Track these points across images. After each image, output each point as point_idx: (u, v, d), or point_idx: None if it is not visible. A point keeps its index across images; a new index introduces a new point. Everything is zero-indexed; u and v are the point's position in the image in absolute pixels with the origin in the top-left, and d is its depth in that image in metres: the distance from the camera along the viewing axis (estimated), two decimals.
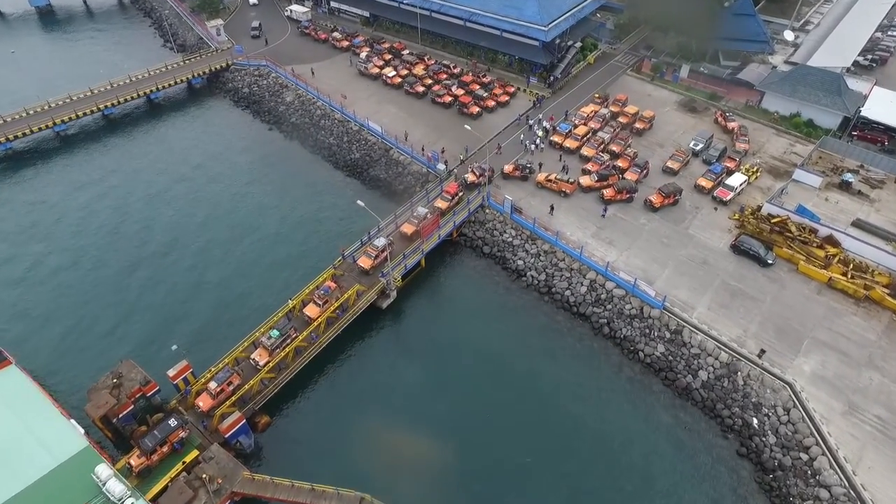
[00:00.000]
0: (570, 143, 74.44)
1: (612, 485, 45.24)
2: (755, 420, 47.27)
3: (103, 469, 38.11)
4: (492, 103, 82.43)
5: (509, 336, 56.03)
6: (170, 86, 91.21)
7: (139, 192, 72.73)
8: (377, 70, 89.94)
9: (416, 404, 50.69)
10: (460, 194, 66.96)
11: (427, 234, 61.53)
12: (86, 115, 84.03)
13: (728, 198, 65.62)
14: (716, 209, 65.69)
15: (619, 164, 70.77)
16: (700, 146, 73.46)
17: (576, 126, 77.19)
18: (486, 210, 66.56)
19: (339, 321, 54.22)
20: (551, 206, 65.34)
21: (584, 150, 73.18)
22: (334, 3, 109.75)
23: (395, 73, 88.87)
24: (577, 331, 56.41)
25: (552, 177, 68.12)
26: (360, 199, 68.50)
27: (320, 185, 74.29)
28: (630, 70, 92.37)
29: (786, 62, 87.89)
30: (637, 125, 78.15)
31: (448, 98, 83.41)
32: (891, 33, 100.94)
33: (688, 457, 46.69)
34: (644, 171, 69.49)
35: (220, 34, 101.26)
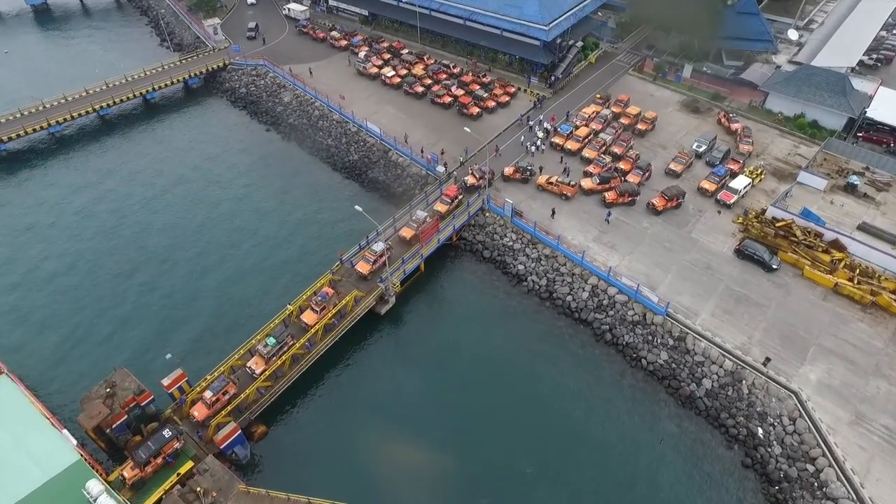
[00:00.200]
0: (571, 145, 73.40)
1: (614, 495, 44.40)
2: (760, 430, 46.40)
3: (94, 485, 37.25)
4: (492, 104, 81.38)
5: (510, 342, 55.14)
6: (166, 86, 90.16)
7: (136, 195, 71.70)
8: (376, 70, 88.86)
9: (415, 413, 49.83)
10: (460, 197, 65.99)
11: (426, 238, 60.59)
12: (81, 115, 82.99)
13: (732, 201, 64.64)
14: (719, 212, 64.71)
15: (621, 166, 69.77)
16: (703, 148, 72.43)
17: (577, 127, 76.16)
18: (487, 213, 65.60)
19: (337, 328, 53.29)
20: (552, 210, 64.36)
21: (586, 152, 72.13)
22: (333, 2, 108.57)
23: (393, 72, 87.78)
24: (579, 337, 55.51)
25: (553, 179, 67.14)
26: (359, 202, 67.68)
27: (318, 188, 73.29)
28: (632, 70, 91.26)
29: (790, 62, 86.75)
30: (639, 126, 77.09)
31: (448, 98, 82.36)
32: None
33: (692, 467, 45.84)
34: (646, 174, 68.48)
35: (217, 33, 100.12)
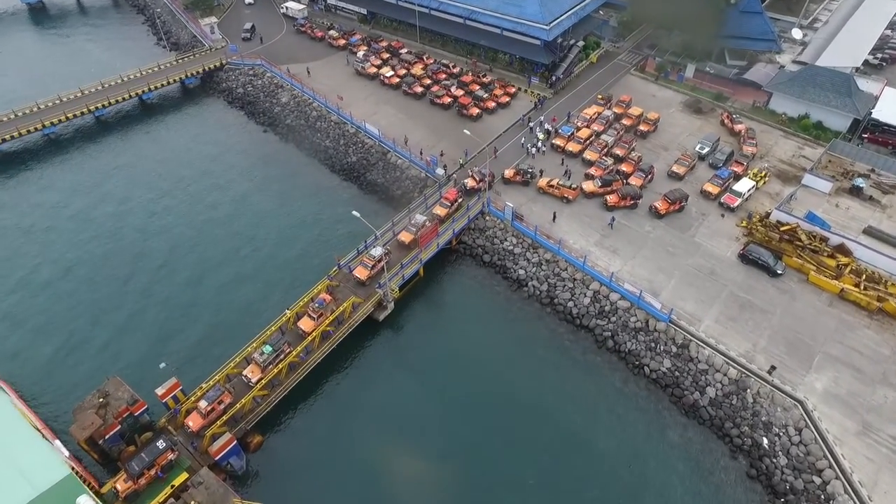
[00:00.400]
0: (572, 147, 72.36)
1: None
2: (765, 440, 45.55)
3: (85, 501, 36.39)
4: (492, 104, 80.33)
5: (510, 349, 54.27)
6: (162, 86, 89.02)
7: (132, 199, 70.61)
8: (374, 70, 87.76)
9: (414, 422, 48.97)
10: (460, 200, 65.02)
11: (425, 242, 59.64)
12: (76, 116, 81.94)
13: (735, 204, 63.64)
14: (723, 216, 63.75)
15: (623, 168, 68.75)
16: (706, 149, 71.42)
17: (578, 128, 75.14)
18: (487, 217, 64.64)
19: (335, 335, 52.41)
20: (554, 214, 63.39)
21: (587, 154, 71.12)
22: (331, 0, 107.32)
23: (392, 72, 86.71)
24: (581, 344, 54.62)
25: (554, 182, 66.14)
26: (357, 205, 66.95)
27: (316, 190, 72.26)
28: (634, 69, 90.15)
29: (794, 62, 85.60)
30: (641, 127, 76.04)
31: (447, 99, 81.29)
32: None
33: (695, 478, 44.95)
34: (649, 176, 67.46)
35: (214, 32, 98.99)
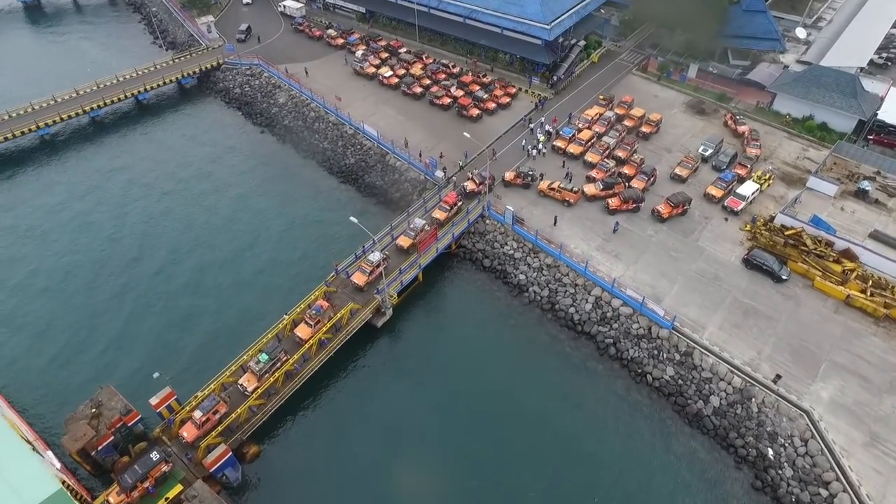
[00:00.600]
0: (573, 149, 71.35)
1: None
2: (771, 451, 44.71)
3: None
4: (492, 105, 79.28)
5: (511, 356, 53.40)
6: (159, 86, 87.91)
7: (128, 203, 69.46)
8: (373, 70, 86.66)
9: (414, 430, 48.13)
10: (459, 204, 64.05)
11: (424, 247, 58.71)
12: (71, 117, 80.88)
13: (739, 208, 62.68)
14: (726, 220, 62.80)
15: (625, 171, 67.76)
16: (709, 151, 70.43)
17: (580, 130, 74.11)
18: (487, 221, 63.69)
19: (332, 342, 51.52)
20: (555, 218, 62.45)
21: (589, 156, 70.10)
22: None
23: (391, 72, 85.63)
24: (582, 351, 53.74)
25: (555, 185, 65.19)
26: (355, 208, 66.29)
27: (314, 193, 71.24)
28: (636, 69, 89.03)
29: (798, 61, 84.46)
30: (643, 129, 75.04)
31: (447, 100, 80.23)
32: None
33: (699, 489, 44.15)
34: (651, 179, 66.46)
35: (211, 31, 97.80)
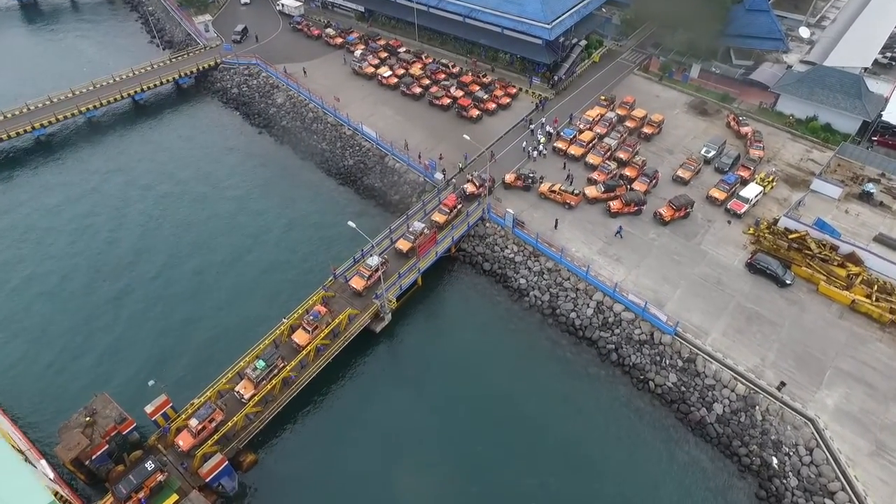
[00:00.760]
0: (574, 150, 70.53)
1: None
2: (775, 460, 44.05)
3: None
4: (492, 106, 78.44)
5: (511, 362, 52.69)
6: (156, 86, 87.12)
7: (125, 206, 68.66)
8: (372, 69, 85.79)
9: (413, 437, 47.48)
10: (459, 207, 63.27)
11: (424, 251, 57.96)
12: (67, 118, 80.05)
13: (742, 210, 61.92)
14: (729, 222, 62.02)
15: (627, 173, 66.96)
16: (712, 153, 69.62)
17: (581, 131, 73.28)
18: (487, 224, 62.94)
19: (330, 348, 50.80)
20: (556, 221, 61.69)
21: (590, 158, 69.26)
22: None
23: (390, 72, 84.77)
24: (583, 356, 53.05)
25: (556, 187, 64.39)
26: (354, 210, 65.64)
27: (312, 195, 70.45)
28: (637, 69, 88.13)
29: (801, 61, 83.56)
30: (645, 130, 74.20)
31: (446, 100, 79.37)
32: None
33: (702, 499, 43.49)
34: (653, 181, 65.66)
35: (209, 31, 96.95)
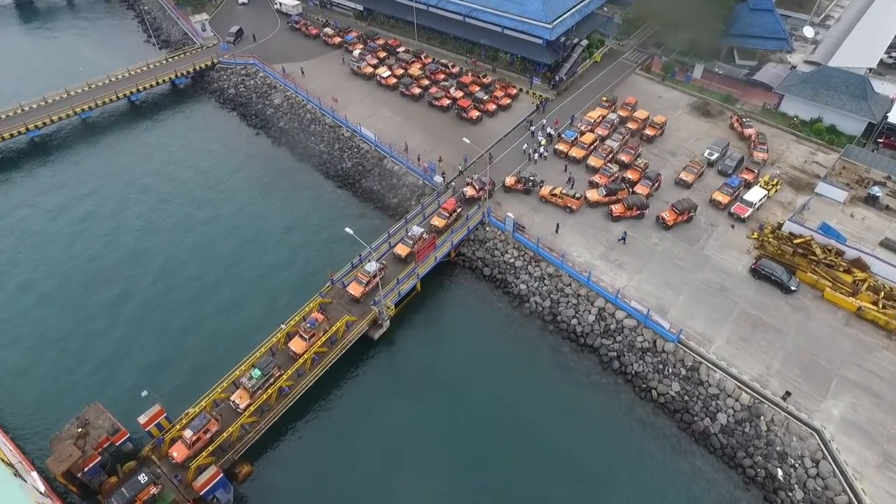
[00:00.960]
0: (576, 152, 69.54)
1: None
2: (780, 472, 43.22)
3: None
4: (492, 107, 77.40)
5: (511, 370, 51.83)
6: (152, 86, 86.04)
7: (121, 212, 67.52)
8: (371, 69, 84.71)
9: (411, 447, 46.66)
10: (458, 210, 62.33)
11: (423, 257, 57.05)
12: (61, 119, 79.01)
13: (746, 214, 60.97)
14: (733, 227, 61.10)
15: (629, 176, 65.99)
16: (715, 155, 68.65)
17: (582, 133, 72.26)
18: (487, 227, 62.01)
19: (328, 356, 49.93)
20: (557, 225, 60.76)
21: (591, 161, 68.25)
22: None
23: (389, 73, 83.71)
24: (585, 364, 52.20)
25: (557, 191, 63.44)
26: (352, 213, 65.00)
27: (309, 198, 69.50)
28: (639, 69, 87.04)
29: (805, 61, 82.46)
30: (647, 131, 73.15)
31: (446, 101, 78.33)
32: None
33: None
34: (656, 185, 64.69)
35: (206, 30, 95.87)
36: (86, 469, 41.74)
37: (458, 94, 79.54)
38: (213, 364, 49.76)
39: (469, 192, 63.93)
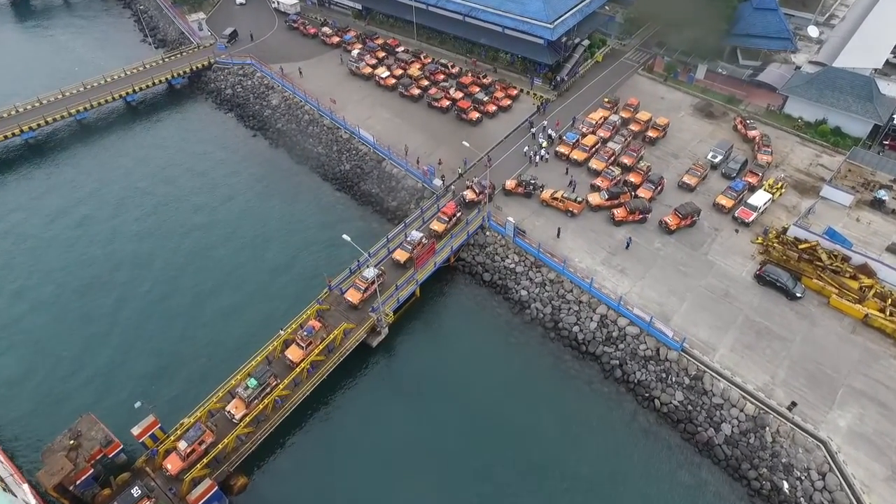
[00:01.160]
0: (577, 155, 68.58)
1: None
2: (786, 484, 42.42)
3: None
4: (492, 108, 76.39)
5: (512, 378, 50.99)
6: (148, 87, 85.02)
7: (118, 215, 66.62)
8: (369, 70, 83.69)
9: (410, 457, 45.92)
10: (458, 215, 61.41)
11: (422, 262, 56.18)
12: (57, 120, 78.09)
13: (751, 219, 60.00)
14: (737, 231, 60.18)
15: (631, 179, 65.06)
16: (719, 158, 67.65)
17: (584, 135, 71.27)
18: (487, 232, 61.10)
19: (325, 365, 49.10)
20: (558, 230, 59.85)
21: (593, 163, 67.29)
22: None
23: (388, 73, 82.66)
24: (586, 372, 51.37)
25: (558, 194, 62.48)
26: (350, 218, 64.33)
27: (307, 201, 68.59)
28: (641, 69, 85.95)
29: (810, 62, 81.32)
30: (650, 133, 72.11)
31: (445, 102, 77.32)
32: None
33: None
34: (658, 188, 63.72)
35: (203, 29, 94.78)
36: (78, 482, 40.92)
37: (458, 94, 78.52)
38: (209, 373, 49.03)
39: (469, 195, 63.00)
